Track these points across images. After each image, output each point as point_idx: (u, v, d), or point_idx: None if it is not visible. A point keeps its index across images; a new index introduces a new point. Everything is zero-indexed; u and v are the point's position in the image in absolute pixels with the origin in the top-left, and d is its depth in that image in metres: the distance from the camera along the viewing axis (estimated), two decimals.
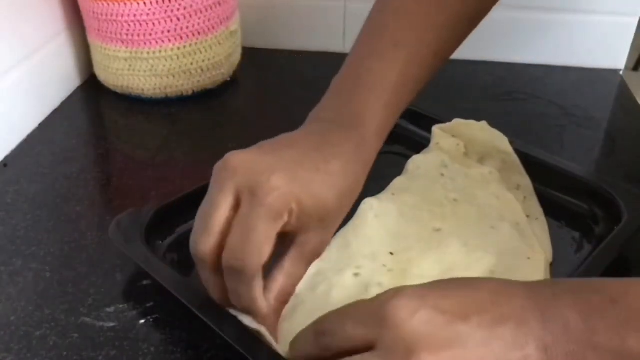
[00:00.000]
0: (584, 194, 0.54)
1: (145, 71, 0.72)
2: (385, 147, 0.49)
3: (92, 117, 0.77)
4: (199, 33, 0.72)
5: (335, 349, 0.34)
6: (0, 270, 0.50)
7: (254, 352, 0.38)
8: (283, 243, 0.41)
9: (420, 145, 0.60)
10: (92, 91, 0.78)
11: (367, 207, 0.50)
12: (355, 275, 0.45)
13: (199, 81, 0.74)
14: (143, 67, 0.72)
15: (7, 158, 0.64)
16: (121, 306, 0.46)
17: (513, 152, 0.56)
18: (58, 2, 0.74)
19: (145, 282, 0.48)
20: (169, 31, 0.71)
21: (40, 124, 0.70)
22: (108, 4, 0.69)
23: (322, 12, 0.84)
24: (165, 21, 0.70)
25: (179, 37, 0.71)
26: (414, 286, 0.35)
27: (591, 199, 0.53)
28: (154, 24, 0.70)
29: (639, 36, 0.85)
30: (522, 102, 0.75)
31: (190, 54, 0.72)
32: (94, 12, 0.71)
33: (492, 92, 0.77)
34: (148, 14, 0.69)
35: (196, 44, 0.72)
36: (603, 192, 0.52)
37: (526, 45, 0.82)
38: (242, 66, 0.80)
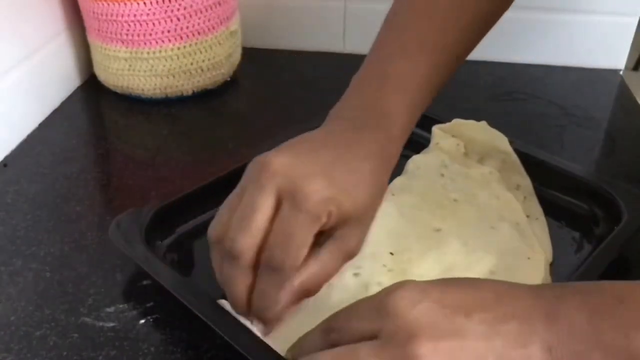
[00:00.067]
0: (584, 194, 0.54)
1: (145, 71, 0.72)
2: None
3: (92, 117, 0.77)
4: (199, 33, 0.72)
5: (343, 344, 0.34)
6: (0, 270, 0.50)
7: (254, 352, 0.38)
8: (320, 236, 0.42)
9: (420, 145, 0.59)
10: (92, 91, 0.78)
11: None
12: (355, 275, 0.45)
13: (199, 81, 0.75)
14: (143, 67, 0.72)
15: (7, 158, 0.64)
16: (121, 306, 0.46)
17: (513, 152, 0.56)
18: (58, 2, 0.74)
19: (145, 282, 0.48)
20: (169, 31, 0.71)
21: (40, 124, 0.70)
22: (108, 4, 0.69)
23: (322, 12, 0.84)
24: (165, 21, 0.70)
25: (179, 37, 0.71)
26: (417, 281, 0.35)
27: (591, 199, 0.53)
28: (154, 24, 0.70)
29: (639, 36, 0.85)
30: (522, 102, 0.75)
31: (190, 54, 0.73)
32: (94, 12, 0.71)
33: (492, 92, 0.77)
34: (148, 14, 0.69)
35: (196, 44, 0.72)
36: (603, 192, 0.52)
37: (526, 45, 0.82)
38: (242, 66, 0.80)
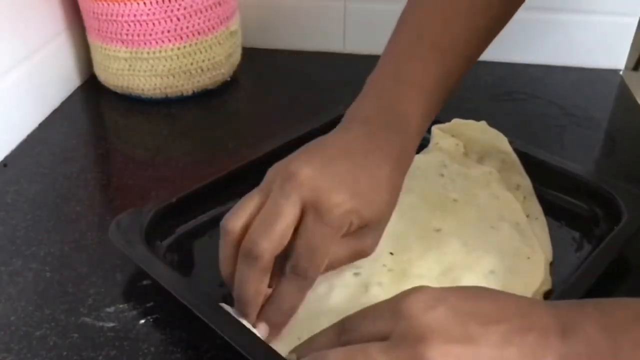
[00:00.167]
0: (583, 194, 0.54)
1: (145, 71, 0.72)
2: None
3: (92, 117, 0.77)
4: (199, 33, 0.72)
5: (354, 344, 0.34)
6: (0, 270, 0.50)
7: (253, 352, 0.38)
8: None
9: (419, 145, 0.59)
10: (92, 91, 0.78)
11: None
12: (355, 275, 0.45)
13: (199, 81, 0.75)
14: (143, 67, 0.72)
15: (7, 158, 0.64)
16: (121, 306, 0.46)
17: (512, 151, 0.56)
18: (58, 2, 0.74)
19: (145, 282, 0.48)
20: (169, 31, 0.71)
21: (40, 124, 0.70)
22: (108, 4, 0.69)
23: (322, 12, 0.84)
24: (165, 21, 0.70)
25: (179, 37, 0.71)
26: (435, 287, 0.35)
27: (591, 199, 0.53)
28: (154, 24, 0.70)
29: (639, 36, 0.85)
30: (522, 102, 0.75)
31: (190, 54, 0.73)
32: (94, 12, 0.71)
33: (492, 92, 0.77)
34: (148, 14, 0.69)
35: (196, 44, 0.72)
36: (603, 191, 0.52)
37: (526, 45, 0.82)
38: (242, 66, 0.80)
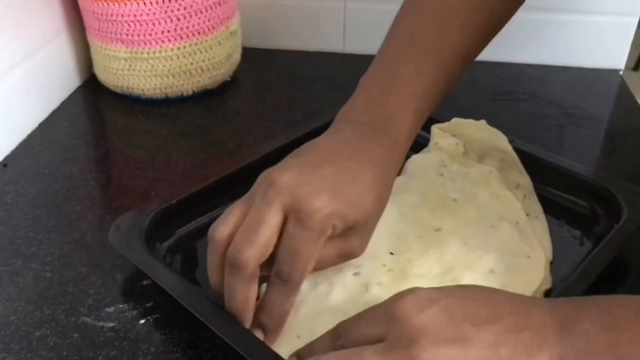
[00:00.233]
0: (583, 192, 0.54)
1: (145, 71, 0.72)
2: None
3: (92, 117, 0.77)
4: (199, 33, 0.72)
5: (349, 348, 0.35)
6: (0, 270, 0.50)
7: (253, 352, 0.38)
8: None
9: (419, 144, 0.59)
10: (92, 91, 0.78)
11: None
12: (355, 275, 0.45)
13: (199, 81, 0.75)
14: (143, 67, 0.72)
15: (7, 158, 0.64)
16: (121, 306, 0.46)
17: (512, 150, 0.56)
18: (58, 2, 0.74)
19: (145, 282, 0.48)
20: (169, 31, 0.71)
21: (40, 124, 0.70)
22: (108, 4, 0.69)
23: (322, 12, 0.84)
24: (165, 21, 0.70)
25: (179, 37, 0.71)
26: (429, 288, 0.35)
27: (591, 197, 0.53)
28: (154, 24, 0.70)
29: (639, 36, 0.85)
30: (522, 102, 0.75)
31: (190, 54, 0.73)
32: (94, 12, 0.71)
33: (492, 92, 0.77)
34: (148, 14, 0.69)
35: (196, 44, 0.72)
36: (603, 190, 0.52)
37: (526, 45, 0.82)
38: (242, 66, 0.80)
